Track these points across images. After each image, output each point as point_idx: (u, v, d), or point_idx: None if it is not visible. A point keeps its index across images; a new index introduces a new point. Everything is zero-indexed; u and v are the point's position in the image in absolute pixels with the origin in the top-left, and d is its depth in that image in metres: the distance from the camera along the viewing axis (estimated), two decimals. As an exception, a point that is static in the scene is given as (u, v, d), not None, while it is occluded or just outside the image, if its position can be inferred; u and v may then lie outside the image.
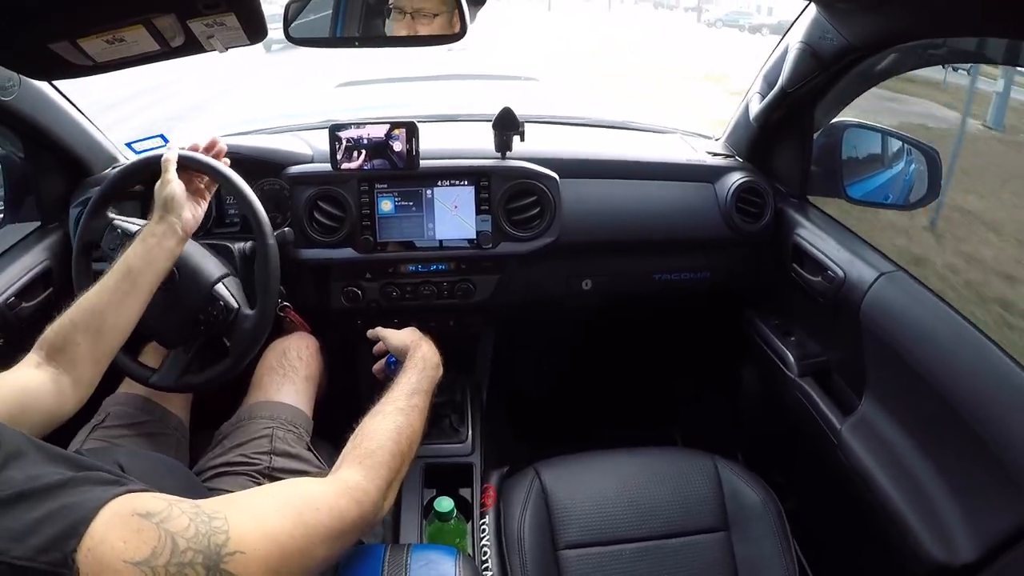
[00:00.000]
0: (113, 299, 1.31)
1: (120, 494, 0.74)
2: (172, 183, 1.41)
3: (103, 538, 0.69)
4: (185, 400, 1.76)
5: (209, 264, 1.62)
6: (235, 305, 1.59)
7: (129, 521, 0.72)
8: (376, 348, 1.57)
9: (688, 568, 1.56)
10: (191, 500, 0.80)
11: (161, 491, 0.85)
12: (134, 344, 1.62)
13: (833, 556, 1.83)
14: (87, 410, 1.62)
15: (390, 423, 1.15)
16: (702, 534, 1.60)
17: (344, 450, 1.11)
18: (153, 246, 1.36)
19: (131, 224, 1.57)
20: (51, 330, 1.29)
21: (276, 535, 0.83)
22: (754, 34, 34.39)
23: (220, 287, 1.59)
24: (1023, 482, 1.18)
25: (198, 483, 1.27)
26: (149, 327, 1.54)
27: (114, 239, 1.57)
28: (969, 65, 4.20)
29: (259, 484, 1.49)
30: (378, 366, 1.55)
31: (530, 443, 2.03)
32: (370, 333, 1.54)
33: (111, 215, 1.60)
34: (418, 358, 1.36)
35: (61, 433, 1.60)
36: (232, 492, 1.45)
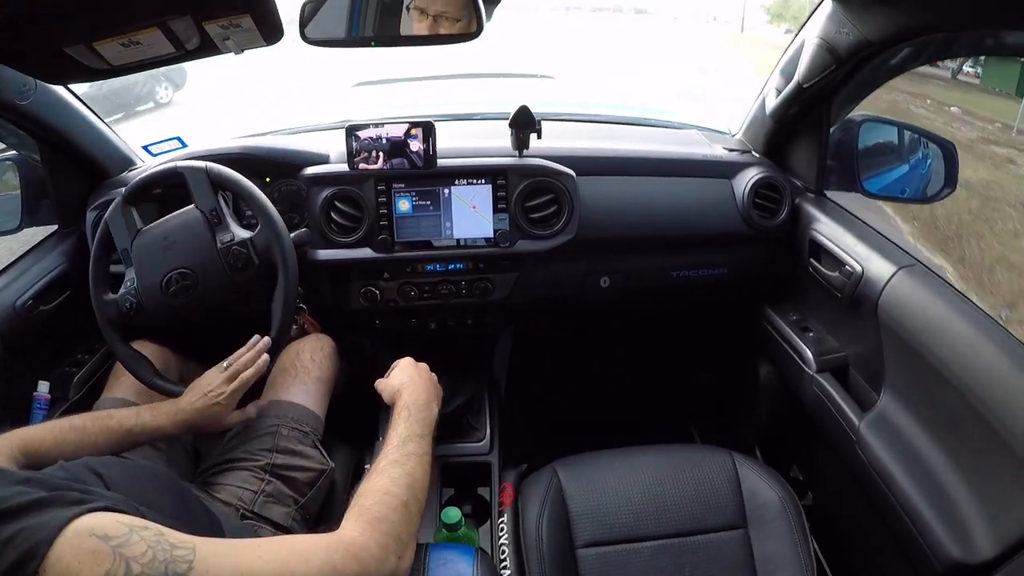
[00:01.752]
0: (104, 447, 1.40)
1: (81, 513, 0.75)
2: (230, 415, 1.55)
3: (59, 557, 0.70)
4: None
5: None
6: (244, 235, 1.62)
7: (86, 542, 0.72)
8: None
9: (707, 566, 1.55)
10: (162, 528, 0.79)
11: (141, 499, 0.86)
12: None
13: (851, 553, 1.83)
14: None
15: (385, 478, 1.12)
16: (721, 532, 1.59)
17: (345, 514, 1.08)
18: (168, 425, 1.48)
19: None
20: (37, 442, 1.32)
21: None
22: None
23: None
24: None
25: (184, 488, 1.25)
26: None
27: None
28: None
29: (260, 479, 1.52)
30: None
31: (548, 441, 2.03)
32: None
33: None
34: (400, 407, 1.33)
35: None
36: (233, 487, 1.49)
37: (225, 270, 1.60)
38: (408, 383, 1.40)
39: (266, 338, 1.60)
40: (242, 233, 1.62)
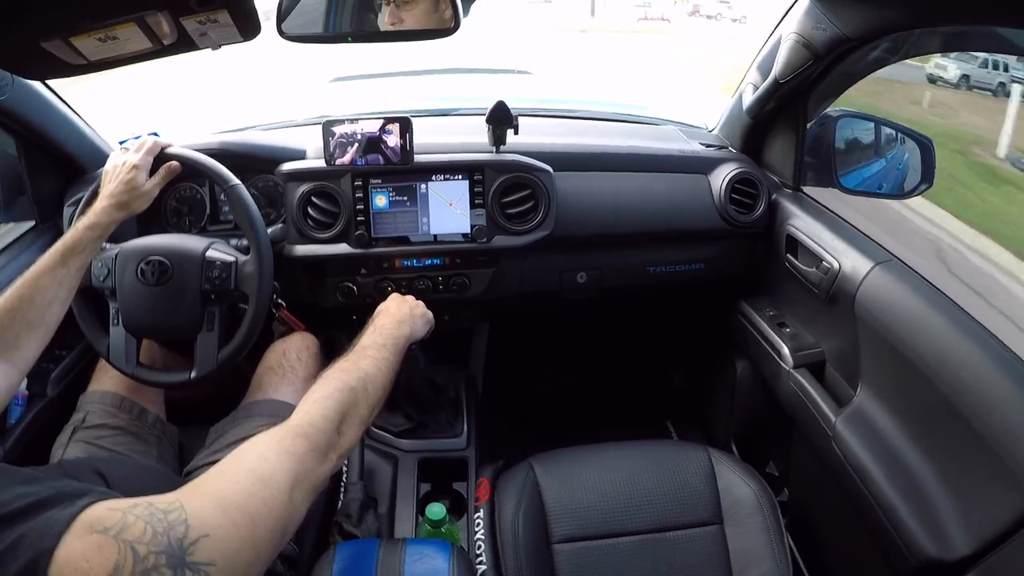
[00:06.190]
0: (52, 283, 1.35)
1: (76, 514, 0.72)
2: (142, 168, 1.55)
3: (67, 561, 0.68)
4: (158, 396, 1.75)
5: (192, 240, 1.65)
6: (231, 258, 1.61)
7: (89, 540, 0.70)
8: None
9: (682, 561, 1.55)
10: (147, 499, 0.77)
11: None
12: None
13: (826, 549, 1.83)
14: (65, 410, 1.64)
15: (334, 370, 1.13)
16: (696, 527, 1.59)
17: None
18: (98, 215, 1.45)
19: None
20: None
21: (237, 502, 0.81)
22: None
23: (211, 252, 1.62)
24: (1019, 474, 1.17)
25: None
26: (170, 328, 1.63)
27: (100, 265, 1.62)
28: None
29: None
30: None
31: (525, 437, 2.03)
32: None
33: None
34: (370, 326, 1.34)
35: (43, 436, 1.61)
36: None
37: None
38: (383, 310, 1.42)
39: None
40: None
